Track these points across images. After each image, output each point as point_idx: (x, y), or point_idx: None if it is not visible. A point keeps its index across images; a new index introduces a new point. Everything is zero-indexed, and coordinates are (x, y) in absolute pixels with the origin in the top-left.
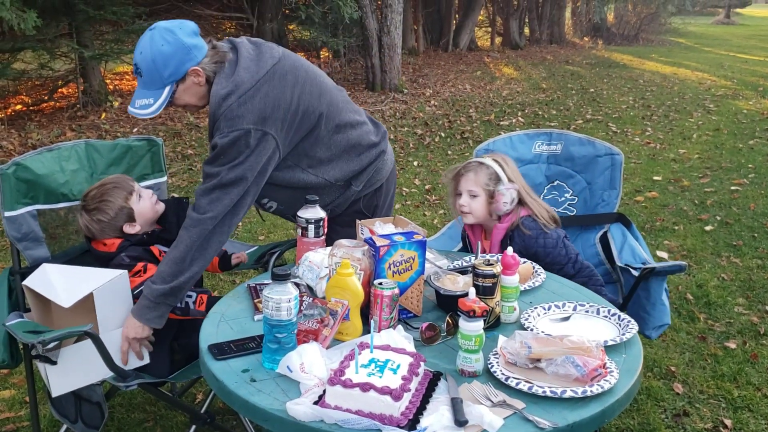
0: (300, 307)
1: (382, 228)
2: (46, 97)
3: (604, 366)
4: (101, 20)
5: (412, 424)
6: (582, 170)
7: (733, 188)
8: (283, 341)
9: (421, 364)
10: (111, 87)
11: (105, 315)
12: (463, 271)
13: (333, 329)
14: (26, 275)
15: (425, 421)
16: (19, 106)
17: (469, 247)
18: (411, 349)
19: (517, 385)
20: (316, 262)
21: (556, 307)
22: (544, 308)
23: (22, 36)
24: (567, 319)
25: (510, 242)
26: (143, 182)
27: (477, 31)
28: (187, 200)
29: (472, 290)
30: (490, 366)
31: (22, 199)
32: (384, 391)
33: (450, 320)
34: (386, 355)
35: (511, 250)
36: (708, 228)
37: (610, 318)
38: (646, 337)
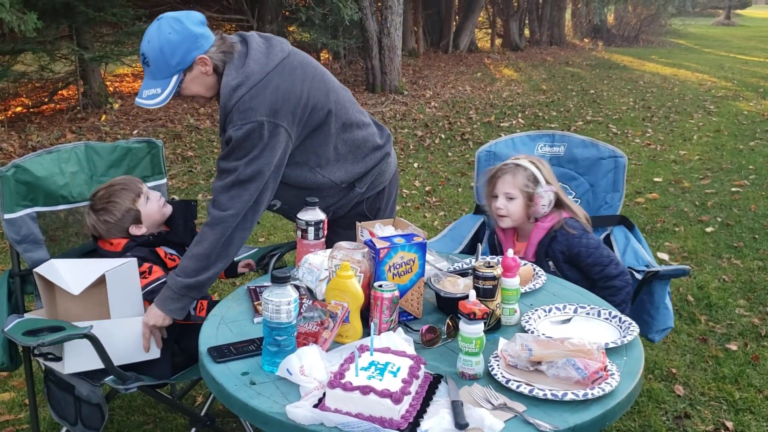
0: (300, 309)
1: (382, 230)
2: (46, 99)
3: (605, 368)
4: (101, 22)
5: (413, 428)
6: (585, 172)
7: (733, 190)
8: (282, 344)
9: (422, 366)
10: (111, 89)
11: (116, 300)
12: (463, 274)
13: (333, 332)
14: (26, 278)
15: (425, 424)
16: (20, 108)
17: (499, 251)
18: (411, 351)
19: (518, 387)
20: (316, 264)
21: (557, 309)
22: (544, 310)
23: (22, 38)
24: (568, 321)
25: (551, 242)
26: None
27: (477, 33)
28: (195, 203)
29: (472, 292)
30: (490, 369)
31: (21, 201)
32: (384, 394)
33: (450, 323)
34: (386, 357)
35: (511, 252)
36: (709, 229)
37: (611, 320)
38: (649, 341)
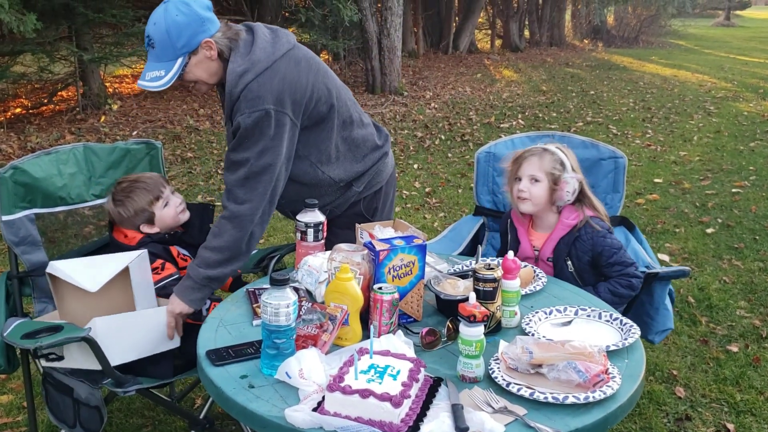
0: (299, 312)
1: (381, 232)
2: (45, 101)
3: (606, 371)
4: (101, 23)
5: (413, 431)
6: (585, 173)
7: (734, 190)
8: (281, 347)
9: (422, 369)
10: (110, 90)
11: (139, 291)
12: (463, 276)
13: (332, 334)
14: (24, 280)
15: (425, 427)
16: (19, 110)
17: (510, 240)
18: (411, 354)
19: (519, 391)
20: (316, 266)
21: (558, 311)
22: (545, 312)
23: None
24: (568, 323)
25: (575, 242)
26: None
27: (477, 34)
28: (212, 206)
29: (472, 295)
30: (491, 371)
31: (19, 203)
32: (384, 397)
33: (450, 325)
34: (386, 360)
35: (511, 254)
36: (709, 230)
37: (611, 322)
38: (649, 342)
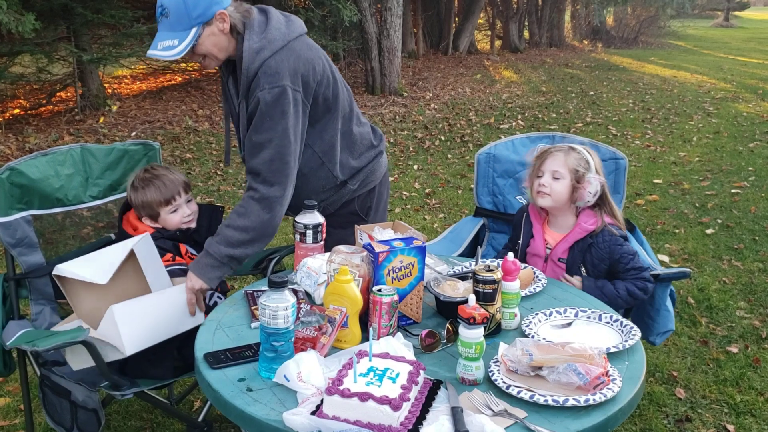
0: (297, 314)
1: (381, 233)
2: (44, 101)
3: (606, 374)
4: (99, 24)
5: None
6: None
7: (733, 191)
8: (280, 350)
9: (421, 372)
10: (109, 91)
11: (149, 272)
12: (463, 277)
13: (331, 337)
14: (21, 282)
15: (425, 431)
16: (17, 110)
17: (524, 234)
18: (410, 356)
19: (519, 393)
20: (315, 268)
21: (558, 313)
22: (545, 314)
23: (20, 39)
24: (569, 325)
25: (591, 248)
26: None
27: (477, 35)
28: (222, 208)
29: (472, 296)
30: (490, 374)
31: (16, 204)
32: (383, 400)
33: (450, 327)
34: (385, 363)
35: (511, 255)
36: (709, 231)
37: (612, 324)
38: (650, 343)
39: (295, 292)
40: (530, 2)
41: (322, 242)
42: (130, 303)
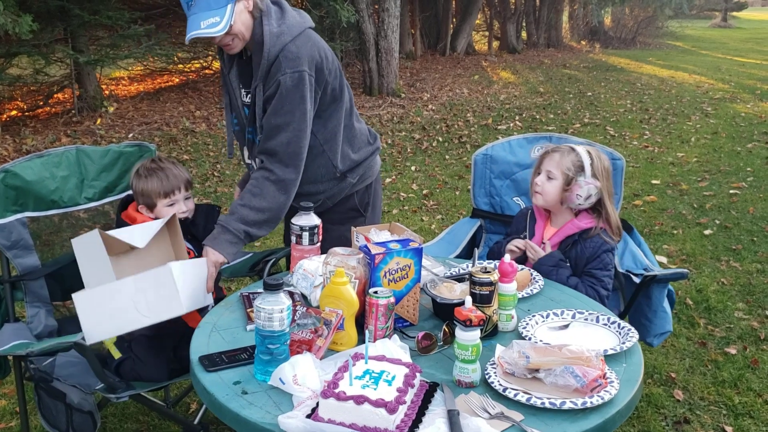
0: (293, 316)
1: (377, 235)
2: (41, 103)
3: (604, 376)
4: (96, 25)
5: None
6: None
7: (731, 192)
8: (275, 352)
9: (417, 375)
10: (106, 92)
11: (177, 246)
12: (460, 279)
13: (327, 339)
14: (16, 284)
15: None
16: (14, 112)
17: (528, 229)
18: (407, 359)
19: (516, 396)
20: (311, 270)
21: (555, 314)
22: (542, 316)
23: (17, 41)
24: (566, 327)
25: (576, 245)
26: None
27: (474, 35)
28: (219, 208)
29: (468, 298)
30: (487, 376)
31: (11, 206)
32: (378, 403)
33: (447, 329)
34: (381, 366)
35: (509, 257)
36: (707, 232)
37: (609, 326)
38: (648, 345)
39: (291, 294)
40: (528, 3)
41: (318, 244)
42: (187, 263)
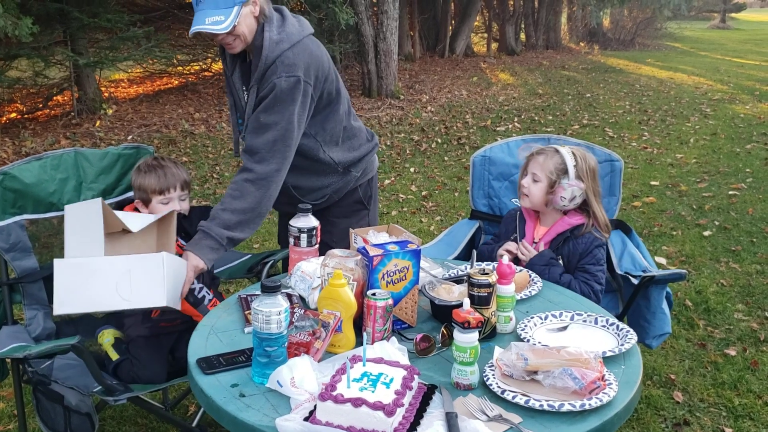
0: (291, 318)
1: (375, 237)
2: (40, 105)
3: (602, 378)
4: (96, 28)
5: None
6: None
7: (731, 193)
8: (273, 355)
9: (415, 377)
10: (106, 95)
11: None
12: (458, 281)
13: (325, 342)
14: (14, 286)
15: None
16: (14, 114)
17: (518, 230)
18: (405, 361)
19: (514, 398)
20: (309, 272)
21: (553, 316)
22: (540, 318)
23: (17, 43)
24: (564, 328)
25: (567, 242)
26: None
27: (473, 37)
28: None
29: (466, 300)
30: (485, 378)
31: (9, 208)
32: (376, 406)
33: (445, 331)
34: (379, 368)
35: (507, 258)
36: (706, 233)
37: (608, 327)
38: (647, 346)
39: (289, 296)
40: (527, 5)
41: (316, 246)
42: (176, 259)
